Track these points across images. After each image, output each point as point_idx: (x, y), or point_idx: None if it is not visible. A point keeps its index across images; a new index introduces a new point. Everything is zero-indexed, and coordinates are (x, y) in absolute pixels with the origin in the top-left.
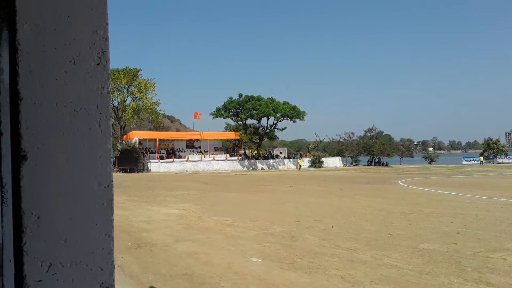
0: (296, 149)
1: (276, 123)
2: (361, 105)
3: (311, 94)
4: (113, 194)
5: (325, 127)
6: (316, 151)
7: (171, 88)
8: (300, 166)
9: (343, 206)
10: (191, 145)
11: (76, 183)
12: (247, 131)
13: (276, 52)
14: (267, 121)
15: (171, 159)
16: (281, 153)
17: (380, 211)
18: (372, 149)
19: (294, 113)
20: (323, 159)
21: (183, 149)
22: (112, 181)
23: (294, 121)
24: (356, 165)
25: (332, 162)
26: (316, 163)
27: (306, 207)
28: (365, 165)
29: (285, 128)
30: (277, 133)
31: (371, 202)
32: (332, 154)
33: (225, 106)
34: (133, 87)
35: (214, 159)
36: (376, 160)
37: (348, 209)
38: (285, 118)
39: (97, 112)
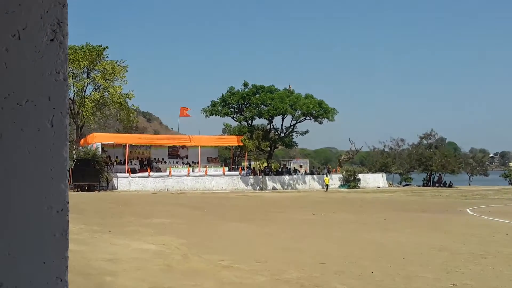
0: (322, 162)
1: (294, 125)
2: (414, 101)
3: (343, 88)
4: (68, 221)
5: (363, 131)
6: (351, 164)
7: (149, 77)
8: (327, 185)
9: (388, 243)
10: (175, 153)
11: (17, 206)
12: (254, 135)
13: (294, 36)
14: (282, 121)
15: (147, 173)
16: (301, 166)
17: (440, 251)
18: (429, 163)
19: (320, 111)
20: (360, 175)
21: (163, 159)
22: (68, 203)
23: (320, 122)
24: (407, 185)
25: (373, 181)
26: (351, 181)
27: (335, 243)
28: (419, 186)
29: (307, 131)
30: (296, 139)
31: (428, 238)
32: (373, 169)
33: (223, 100)
34: (95, 72)
35: (206, 174)
36: (436, 178)
37: (394, 248)
38: (308, 118)
39: (49, 107)
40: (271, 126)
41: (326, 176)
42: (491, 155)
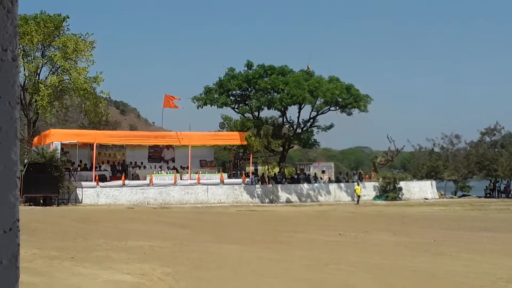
0: (352, 166)
1: (315, 117)
2: (472, 87)
3: (378, 69)
4: (19, 245)
5: (405, 126)
6: (389, 169)
7: (123, 56)
8: (359, 196)
9: (439, 272)
10: (158, 155)
11: None
12: (262, 131)
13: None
14: (299, 113)
15: (120, 182)
16: (323, 172)
17: (509, 282)
18: (494, 167)
19: (348, 99)
20: (401, 183)
21: (142, 163)
22: (18, 220)
23: (349, 114)
24: (464, 195)
25: (419, 190)
26: (389, 191)
27: (369, 273)
28: (480, 197)
29: (331, 126)
30: (317, 136)
31: (492, 265)
32: (419, 175)
33: (221, 85)
34: (52, 49)
35: (199, 183)
36: (502, 187)
37: (448, 279)
38: (333, 108)
39: None
40: (285, 119)
41: (357, 184)
42: None
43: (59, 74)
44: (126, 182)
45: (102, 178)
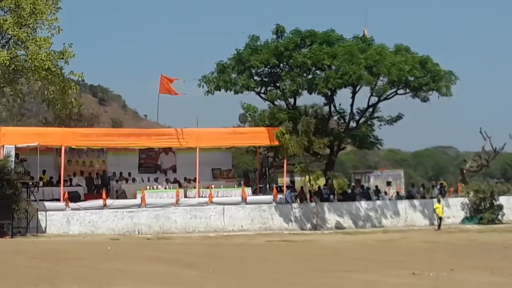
0: (430, 175)
1: (376, 105)
2: None
3: (466, 38)
4: None
5: (505, 118)
6: (485, 179)
7: (101, 22)
8: (440, 218)
9: None
10: (152, 162)
11: None
12: (300, 126)
13: None
14: (353, 99)
15: (99, 202)
16: (388, 184)
17: None
18: None
19: (424, 78)
20: (501, 199)
21: (130, 174)
22: None
23: (425, 99)
24: None
25: None
26: (485, 210)
27: None
28: None
29: (399, 117)
30: (379, 131)
31: None
32: None
33: (239, 61)
34: (2, 12)
35: (211, 201)
36: None
37: None
38: (401, 91)
39: None
40: (332, 108)
41: (438, 202)
42: None
43: (11, 47)
44: (108, 202)
45: (74, 197)
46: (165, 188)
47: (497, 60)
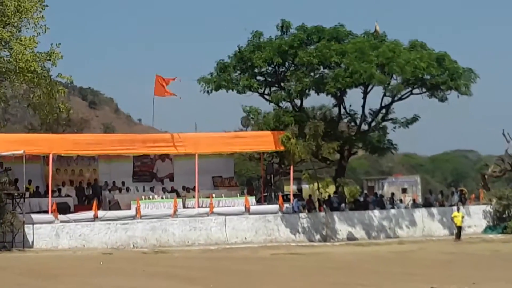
0: (449, 181)
1: (389, 106)
2: None
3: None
4: None
5: None
6: (508, 184)
7: (92, 22)
8: (459, 228)
9: None
10: (147, 170)
11: None
12: (308, 129)
13: None
14: (364, 99)
15: (91, 213)
16: (404, 191)
17: None
18: None
19: (442, 76)
20: None
21: (123, 183)
22: None
23: (442, 99)
24: None
25: None
26: (509, 218)
27: None
28: None
29: (415, 119)
30: (393, 134)
31: None
32: None
33: (241, 59)
34: None
35: (212, 212)
36: None
37: None
38: (417, 90)
39: None
40: (342, 110)
41: (457, 210)
42: None
43: None
44: (100, 213)
45: (63, 208)
46: (162, 198)
47: None
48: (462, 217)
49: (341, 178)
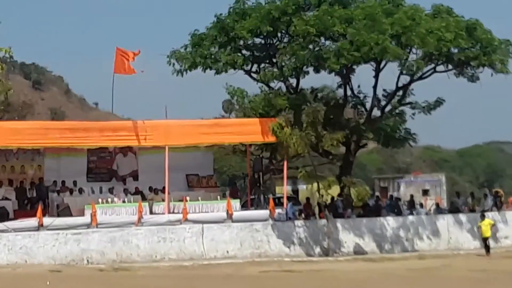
0: (482, 180)
1: (407, 86)
2: None
3: None
4: None
5: None
6: None
7: None
8: (485, 239)
9: None
10: (105, 167)
11: None
12: (305, 116)
13: None
14: (376, 78)
15: (35, 220)
16: (425, 193)
17: None
18: None
19: (473, 49)
20: None
21: (75, 183)
22: None
23: (473, 78)
24: None
25: None
26: None
27: None
28: None
29: (439, 103)
30: (411, 122)
31: None
32: None
33: (222, 28)
34: None
35: (185, 219)
36: None
37: None
38: (441, 67)
39: None
40: (348, 91)
41: (482, 217)
42: None
43: None
44: (46, 221)
45: (0, 215)
46: (124, 202)
47: None
48: (492, 225)
49: (347, 176)
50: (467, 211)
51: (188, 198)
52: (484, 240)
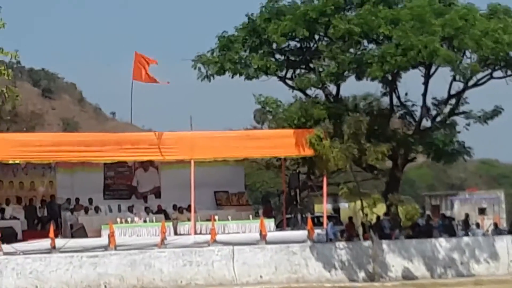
0: None
1: (461, 94)
2: None
3: None
4: None
5: None
6: None
7: None
8: None
9: None
10: (124, 183)
11: None
12: (346, 127)
13: None
14: (425, 85)
15: (47, 242)
16: (482, 211)
17: None
18: None
19: None
20: None
21: (91, 201)
22: None
23: None
24: None
25: None
26: None
27: None
28: None
29: (497, 112)
30: (465, 134)
31: None
32: None
33: (253, 30)
34: None
35: (214, 239)
36: None
37: None
38: (499, 72)
39: None
40: (395, 100)
41: None
42: None
43: None
44: (59, 242)
45: (7, 235)
46: (145, 221)
47: None
48: None
49: (393, 193)
50: None
51: (216, 217)
52: None
